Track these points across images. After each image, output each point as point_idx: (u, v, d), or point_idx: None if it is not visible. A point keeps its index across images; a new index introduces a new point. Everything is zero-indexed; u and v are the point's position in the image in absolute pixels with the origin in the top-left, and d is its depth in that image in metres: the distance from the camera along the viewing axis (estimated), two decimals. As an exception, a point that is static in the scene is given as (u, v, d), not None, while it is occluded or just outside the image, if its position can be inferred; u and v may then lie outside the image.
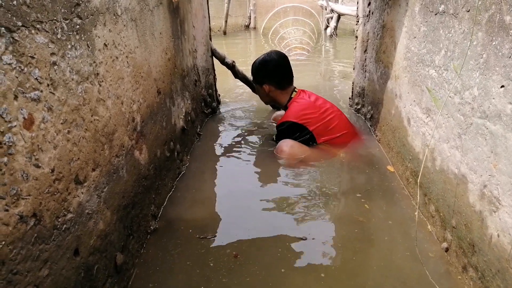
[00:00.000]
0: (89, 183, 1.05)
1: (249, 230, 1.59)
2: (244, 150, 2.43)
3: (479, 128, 1.16)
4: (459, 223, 1.28)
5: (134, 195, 1.40)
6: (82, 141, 1.02)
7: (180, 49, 2.21)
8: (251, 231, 1.58)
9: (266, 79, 2.53)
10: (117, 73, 1.28)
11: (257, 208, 1.75)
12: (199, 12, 2.77)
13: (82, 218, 1.01)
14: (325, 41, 8.70)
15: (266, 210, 1.73)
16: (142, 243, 1.47)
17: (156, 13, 1.75)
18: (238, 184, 2.02)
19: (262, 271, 1.35)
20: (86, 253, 1.03)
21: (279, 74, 2.52)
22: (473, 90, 1.20)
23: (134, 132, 1.42)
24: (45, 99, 0.87)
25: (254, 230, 1.59)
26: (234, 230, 1.59)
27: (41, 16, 0.86)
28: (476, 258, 1.17)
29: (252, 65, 2.57)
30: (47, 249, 0.86)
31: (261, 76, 2.55)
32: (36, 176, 0.83)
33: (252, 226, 1.62)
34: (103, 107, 1.16)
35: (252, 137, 2.67)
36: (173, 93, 2.03)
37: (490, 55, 1.10)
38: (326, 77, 4.75)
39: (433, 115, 1.53)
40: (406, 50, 1.87)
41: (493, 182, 1.08)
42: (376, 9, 2.51)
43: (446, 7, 1.42)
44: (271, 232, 1.57)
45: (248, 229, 1.60)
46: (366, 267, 1.36)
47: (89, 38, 1.09)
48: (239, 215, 1.71)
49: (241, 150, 2.43)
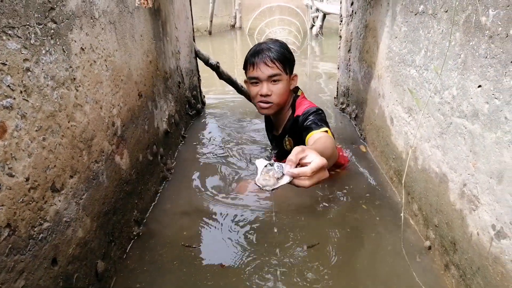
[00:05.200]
0: (66, 190, 1.03)
1: (235, 235, 1.58)
2: (230, 151, 2.42)
3: (458, 127, 1.17)
4: (441, 222, 1.29)
5: (116, 201, 1.37)
6: (58, 148, 1.00)
7: (162, 51, 2.19)
8: (236, 237, 1.57)
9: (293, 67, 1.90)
10: (95, 77, 1.26)
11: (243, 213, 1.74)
12: (181, 13, 2.75)
13: (59, 227, 0.99)
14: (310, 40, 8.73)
15: (252, 211, 1.73)
16: (125, 249, 1.45)
17: (136, 15, 1.72)
18: (223, 187, 2.00)
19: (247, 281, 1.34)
20: (65, 262, 1.01)
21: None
22: (452, 89, 1.21)
23: (114, 136, 1.40)
24: (18, 106, 0.85)
25: (239, 234, 1.58)
26: (219, 236, 1.58)
27: (12, 22, 0.84)
28: (457, 256, 1.18)
29: (277, 50, 1.80)
30: (22, 259, 0.84)
31: (293, 63, 1.90)
32: (10, 186, 0.81)
33: (237, 231, 1.61)
34: (81, 112, 1.14)
35: (238, 138, 2.66)
36: (156, 95, 2.01)
37: (468, 55, 1.11)
38: (312, 77, 4.77)
39: (415, 115, 1.54)
40: (388, 50, 1.88)
41: (472, 181, 1.09)
42: (359, 9, 2.53)
43: (425, 8, 1.43)
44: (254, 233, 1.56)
45: (233, 234, 1.59)
46: (351, 266, 1.36)
47: (65, 43, 1.07)
48: (225, 220, 1.69)
49: (226, 152, 2.41)
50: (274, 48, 1.81)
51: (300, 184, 1.00)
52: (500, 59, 0.96)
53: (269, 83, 1.80)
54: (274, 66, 1.78)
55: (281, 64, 1.79)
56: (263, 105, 1.84)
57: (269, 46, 1.82)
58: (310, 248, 1.45)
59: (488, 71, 1.01)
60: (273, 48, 1.81)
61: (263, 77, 1.79)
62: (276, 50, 1.80)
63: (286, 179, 1.00)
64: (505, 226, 0.95)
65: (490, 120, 1.00)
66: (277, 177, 1.00)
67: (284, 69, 1.80)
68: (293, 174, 0.99)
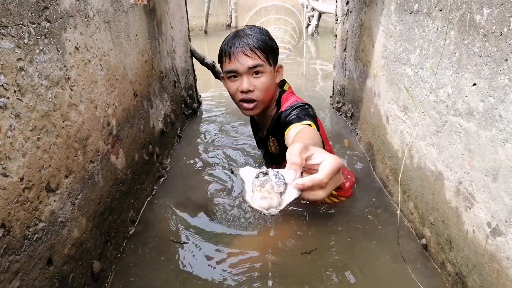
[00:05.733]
0: (61, 190, 1.03)
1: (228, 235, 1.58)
2: (226, 151, 2.42)
3: (453, 125, 1.17)
4: (436, 220, 1.30)
5: (111, 200, 1.37)
6: (53, 148, 1.00)
7: (157, 50, 2.18)
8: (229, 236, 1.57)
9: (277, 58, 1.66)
10: (90, 76, 1.26)
11: (237, 212, 1.74)
12: (177, 13, 2.75)
13: (55, 227, 0.99)
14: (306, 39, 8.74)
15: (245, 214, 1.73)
16: (121, 249, 1.45)
17: (131, 15, 1.72)
18: (219, 187, 2.00)
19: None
20: (60, 262, 1.01)
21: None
22: (447, 88, 1.21)
23: (109, 136, 1.39)
24: (12, 106, 0.85)
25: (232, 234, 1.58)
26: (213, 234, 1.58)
27: (6, 21, 0.84)
28: (453, 254, 1.18)
29: (256, 37, 1.55)
30: (17, 260, 0.84)
31: (277, 52, 1.65)
32: (4, 186, 0.80)
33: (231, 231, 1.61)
34: (76, 112, 1.14)
35: (234, 137, 2.66)
36: (151, 95, 2.01)
37: (462, 54, 1.11)
38: (308, 76, 4.77)
39: (410, 113, 1.54)
40: (384, 48, 1.89)
41: (467, 179, 1.09)
42: (354, 8, 2.53)
43: (420, 6, 1.43)
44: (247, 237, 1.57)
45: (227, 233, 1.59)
46: (349, 265, 1.36)
47: (59, 42, 1.06)
48: (219, 220, 1.69)
49: (222, 151, 2.41)
50: (253, 35, 1.55)
51: (312, 198, 0.73)
52: (495, 57, 0.96)
53: (250, 76, 1.53)
54: (255, 55, 1.51)
55: (262, 53, 1.52)
56: (246, 105, 1.58)
57: (247, 32, 1.56)
58: (305, 254, 1.44)
59: (483, 69, 1.01)
60: (252, 35, 1.54)
61: (243, 70, 1.52)
62: (255, 37, 1.53)
63: (292, 193, 0.72)
64: (500, 224, 0.95)
65: (485, 118, 1.01)
66: (279, 191, 0.72)
67: (266, 59, 1.53)
68: (305, 186, 0.70)
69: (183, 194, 1.90)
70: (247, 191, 0.75)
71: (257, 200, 0.72)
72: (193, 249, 1.48)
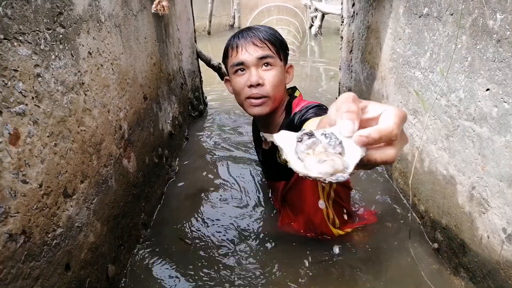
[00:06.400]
0: (78, 195, 1.03)
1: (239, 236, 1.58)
2: (233, 152, 2.42)
3: (466, 130, 1.17)
4: (449, 224, 1.30)
5: (124, 204, 1.38)
6: (69, 153, 1.00)
7: (165, 53, 2.19)
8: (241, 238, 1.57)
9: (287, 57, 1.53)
10: (103, 81, 1.26)
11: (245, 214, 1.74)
12: (183, 15, 2.75)
13: (72, 232, 0.99)
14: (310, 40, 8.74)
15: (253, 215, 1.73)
16: (133, 252, 1.45)
17: (140, 18, 1.72)
18: (227, 188, 2.00)
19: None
20: (78, 267, 1.02)
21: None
22: (459, 92, 1.21)
23: (121, 140, 1.40)
24: (30, 112, 0.85)
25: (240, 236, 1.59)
26: (224, 236, 1.58)
27: (23, 28, 0.84)
28: (467, 259, 1.18)
29: (266, 30, 1.44)
30: (38, 266, 0.85)
31: (287, 50, 1.52)
32: (24, 192, 0.81)
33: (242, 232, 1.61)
34: (90, 116, 1.14)
35: (240, 139, 2.67)
36: (160, 98, 2.01)
37: (475, 59, 1.11)
38: (313, 77, 4.77)
39: (420, 117, 1.55)
40: (392, 51, 1.89)
41: (481, 184, 1.10)
42: (361, 10, 2.53)
43: (430, 10, 1.43)
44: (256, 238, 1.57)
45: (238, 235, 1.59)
46: (357, 268, 1.36)
47: (73, 47, 1.07)
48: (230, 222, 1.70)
49: (229, 153, 2.42)
50: (263, 28, 1.45)
51: (381, 159, 0.54)
52: (509, 63, 0.97)
53: (259, 68, 1.38)
54: (265, 46, 1.38)
55: (273, 46, 1.40)
56: (254, 101, 1.38)
57: (256, 27, 1.47)
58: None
59: (496, 74, 1.02)
60: (261, 29, 1.45)
61: (251, 61, 1.37)
62: (265, 30, 1.44)
63: (356, 151, 0.53)
64: (515, 229, 0.95)
65: (499, 124, 1.01)
66: (338, 151, 0.53)
67: (277, 52, 1.41)
68: (370, 138, 0.52)
69: (193, 196, 1.90)
70: (291, 161, 0.55)
71: (314, 165, 0.52)
72: (204, 251, 1.49)
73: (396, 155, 0.54)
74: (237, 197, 1.88)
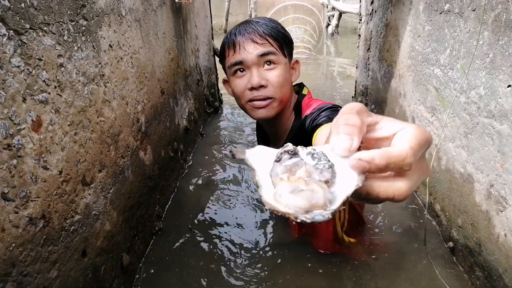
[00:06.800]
0: (95, 184, 1.05)
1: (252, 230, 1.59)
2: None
3: (486, 127, 1.16)
4: (465, 223, 1.28)
5: (140, 195, 1.40)
6: (88, 143, 1.02)
7: (183, 48, 2.21)
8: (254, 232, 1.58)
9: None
10: (122, 73, 1.28)
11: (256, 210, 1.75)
12: (201, 12, 2.77)
13: (89, 220, 1.01)
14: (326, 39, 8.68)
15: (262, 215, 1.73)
16: (147, 243, 1.47)
17: (159, 13, 1.74)
18: (242, 183, 2.01)
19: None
20: (94, 254, 1.04)
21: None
22: (479, 89, 1.19)
23: (139, 132, 1.42)
24: (53, 101, 0.87)
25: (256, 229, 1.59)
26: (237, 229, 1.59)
27: (48, 18, 0.86)
28: (482, 258, 1.17)
29: (266, 23, 1.27)
30: (55, 250, 0.87)
31: (292, 45, 1.35)
32: (45, 178, 0.83)
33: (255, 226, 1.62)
34: (109, 108, 1.16)
35: (254, 137, 2.67)
36: (177, 93, 2.03)
37: (497, 55, 1.09)
38: (329, 76, 4.74)
39: (438, 114, 1.52)
40: (411, 49, 1.86)
41: (500, 182, 1.08)
42: (379, 8, 2.51)
43: (451, 6, 1.41)
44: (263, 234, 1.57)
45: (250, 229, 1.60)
46: (376, 266, 1.35)
47: (95, 39, 1.09)
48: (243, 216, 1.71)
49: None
50: (263, 22, 1.28)
51: (385, 194, 0.40)
52: (532, 59, 0.95)
53: (261, 68, 1.23)
54: (266, 42, 1.22)
55: (275, 41, 1.24)
56: (258, 103, 1.23)
57: (255, 20, 1.30)
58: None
59: (519, 70, 1.00)
60: (261, 22, 1.27)
61: (251, 59, 1.22)
62: (265, 24, 1.26)
63: (352, 180, 0.39)
64: (534, 228, 0.93)
65: (520, 121, 0.99)
66: (324, 179, 0.40)
67: (280, 48, 1.25)
68: (373, 164, 0.38)
69: (206, 191, 1.92)
70: (262, 186, 0.42)
71: (285, 196, 0.39)
72: (217, 244, 1.50)
73: (408, 191, 0.41)
74: (247, 195, 1.89)
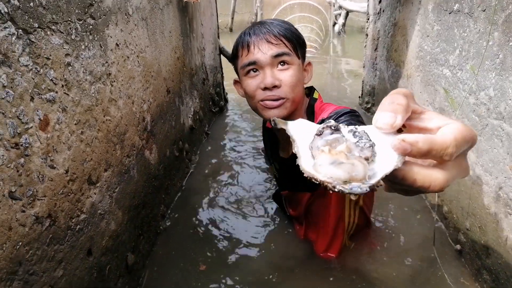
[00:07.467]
0: (101, 183, 1.05)
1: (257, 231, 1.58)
2: (252, 150, 2.42)
3: (495, 129, 1.14)
4: (473, 225, 1.27)
5: (145, 195, 1.40)
6: (94, 142, 1.02)
7: (189, 47, 2.20)
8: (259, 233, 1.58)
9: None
10: (128, 72, 1.28)
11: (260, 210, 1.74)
12: (207, 10, 2.77)
13: (94, 219, 1.01)
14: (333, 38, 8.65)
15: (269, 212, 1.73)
16: (152, 243, 1.47)
17: (166, 12, 1.74)
18: (248, 184, 2.01)
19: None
20: (99, 253, 1.04)
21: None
22: (489, 90, 1.18)
23: (144, 131, 1.42)
24: (60, 100, 0.87)
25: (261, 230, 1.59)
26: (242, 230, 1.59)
27: (56, 17, 0.86)
28: (490, 261, 1.15)
29: (280, 24, 1.28)
30: (61, 249, 0.87)
31: (305, 46, 1.36)
32: (51, 177, 0.83)
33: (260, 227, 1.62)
34: (115, 107, 1.16)
35: (260, 135, 2.66)
36: (182, 92, 2.03)
37: (507, 56, 1.08)
38: (335, 76, 4.72)
39: (447, 116, 1.51)
40: (419, 49, 1.85)
41: (509, 184, 1.06)
42: (387, 7, 2.49)
43: (460, 6, 1.39)
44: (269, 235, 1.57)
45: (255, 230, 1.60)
46: (382, 266, 1.34)
47: (102, 38, 1.09)
48: (248, 217, 1.70)
49: (248, 150, 2.42)
50: (277, 23, 1.29)
51: (420, 182, 0.40)
52: (544, 60, 0.93)
53: (275, 68, 1.23)
54: (280, 43, 1.23)
55: (289, 42, 1.25)
56: (270, 103, 1.22)
57: (269, 21, 1.30)
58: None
59: (530, 72, 0.98)
60: (275, 23, 1.28)
61: (265, 60, 1.22)
62: (279, 25, 1.28)
63: (391, 160, 0.39)
64: (544, 232, 0.92)
65: (531, 123, 0.98)
66: (365, 156, 0.40)
67: (294, 49, 1.25)
68: (415, 147, 0.38)
69: (211, 191, 1.91)
70: (301, 156, 0.42)
71: (325, 166, 0.39)
72: (222, 244, 1.50)
73: (445, 183, 0.40)
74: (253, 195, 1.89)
